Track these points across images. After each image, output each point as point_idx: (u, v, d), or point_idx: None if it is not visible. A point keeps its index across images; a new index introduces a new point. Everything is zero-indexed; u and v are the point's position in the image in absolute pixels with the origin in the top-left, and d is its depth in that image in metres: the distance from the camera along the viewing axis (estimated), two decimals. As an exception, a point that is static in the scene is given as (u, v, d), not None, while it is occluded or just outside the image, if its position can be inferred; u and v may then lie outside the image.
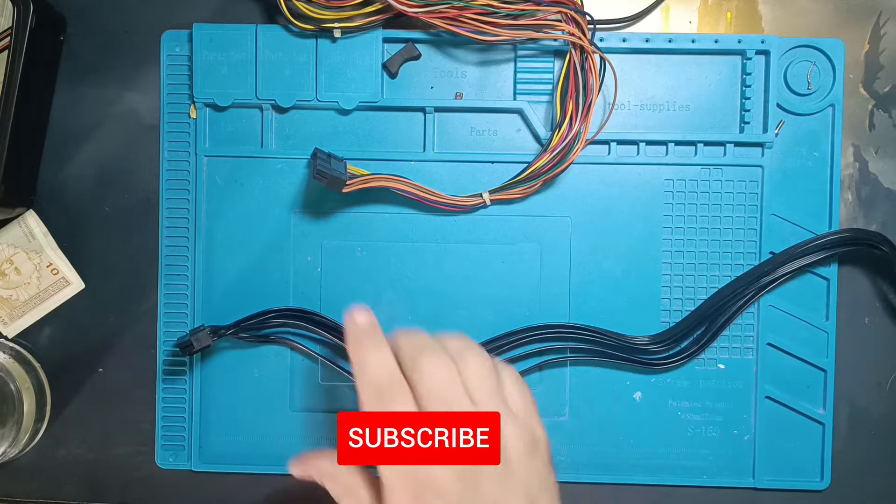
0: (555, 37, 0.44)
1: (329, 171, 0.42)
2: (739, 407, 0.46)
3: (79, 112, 0.47)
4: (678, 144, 0.45)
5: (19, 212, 0.46)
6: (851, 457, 0.46)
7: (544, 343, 0.45)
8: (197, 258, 0.46)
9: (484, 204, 0.44)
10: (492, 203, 0.44)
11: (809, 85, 0.45)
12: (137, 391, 0.47)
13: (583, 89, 0.43)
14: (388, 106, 0.45)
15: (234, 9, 0.46)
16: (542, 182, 0.44)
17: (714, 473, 0.46)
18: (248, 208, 0.46)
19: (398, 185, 0.43)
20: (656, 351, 0.45)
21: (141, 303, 0.47)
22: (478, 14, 0.42)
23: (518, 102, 0.45)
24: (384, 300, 0.46)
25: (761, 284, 0.44)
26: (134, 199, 0.47)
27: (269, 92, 0.45)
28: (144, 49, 0.46)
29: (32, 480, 0.47)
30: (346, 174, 0.43)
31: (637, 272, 0.46)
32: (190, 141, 0.46)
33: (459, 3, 0.42)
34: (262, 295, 0.46)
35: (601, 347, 0.45)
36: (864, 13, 0.46)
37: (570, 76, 0.43)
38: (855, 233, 0.44)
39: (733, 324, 0.45)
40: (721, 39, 0.45)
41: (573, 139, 0.43)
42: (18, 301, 0.47)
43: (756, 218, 0.45)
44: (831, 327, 0.45)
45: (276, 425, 0.46)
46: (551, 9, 0.42)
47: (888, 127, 0.46)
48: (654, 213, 0.46)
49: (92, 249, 0.47)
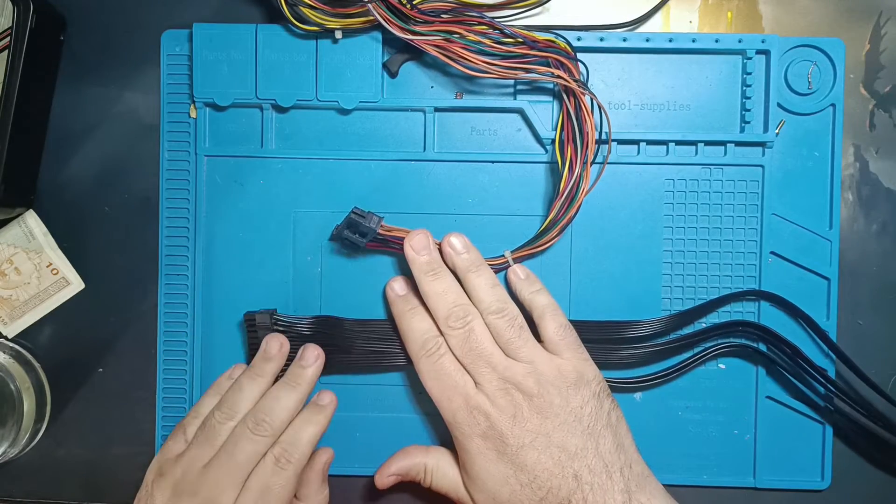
0: (544, 79, 0.44)
1: (349, 237, 0.43)
2: (740, 407, 0.46)
3: (79, 112, 0.47)
4: (678, 144, 0.45)
5: (19, 212, 0.46)
6: (851, 457, 0.46)
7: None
8: (197, 258, 0.46)
9: (507, 264, 0.44)
10: (514, 262, 0.45)
11: (810, 85, 0.45)
12: (137, 391, 0.47)
13: (579, 133, 0.43)
14: (388, 106, 0.45)
15: (234, 9, 0.46)
16: (559, 230, 0.44)
17: (714, 473, 0.46)
18: (248, 208, 0.46)
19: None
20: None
21: (141, 303, 0.47)
22: (465, 48, 0.42)
23: (518, 102, 0.45)
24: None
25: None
26: (134, 199, 0.47)
27: (269, 92, 0.45)
28: (144, 49, 0.46)
29: (32, 480, 0.47)
30: (374, 232, 0.43)
31: (637, 272, 0.46)
32: (190, 141, 0.46)
33: (448, 37, 0.42)
34: (262, 295, 0.46)
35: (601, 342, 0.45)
36: (865, 13, 0.46)
37: (566, 122, 0.43)
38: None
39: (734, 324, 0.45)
40: (721, 39, 0.45)
41: (577, 183, 0.43)
42: (18, 301, 0.47)
43: (756, 218, 0.45)
44: (831, 327, 0.45)
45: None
46: (541, 54, 0.43)
47: (888, 127, 0.46)
48: (654, 213, 0.46)
49: (92, 249, 0.47)
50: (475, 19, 0.42)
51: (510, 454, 0.40)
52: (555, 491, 0.39)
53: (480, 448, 0.40)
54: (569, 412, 0.40)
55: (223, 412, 0.41)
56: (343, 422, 0.45)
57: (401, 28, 0.42)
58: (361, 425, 0.46)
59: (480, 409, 0.40)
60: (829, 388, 0.45)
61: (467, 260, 0.43)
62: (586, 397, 0.40)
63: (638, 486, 0.39)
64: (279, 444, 0.40)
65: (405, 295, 0.44)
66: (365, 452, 0.46)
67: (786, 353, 0.45)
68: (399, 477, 0.43)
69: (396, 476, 0.43)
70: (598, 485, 0.39)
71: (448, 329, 0.42)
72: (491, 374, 0.41)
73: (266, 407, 0.41)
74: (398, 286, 0.44)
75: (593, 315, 0.45)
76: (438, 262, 0.43)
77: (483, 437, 0.40)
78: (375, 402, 0.46)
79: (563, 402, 0.40)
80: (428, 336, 0.42)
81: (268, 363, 0.43)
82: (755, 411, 0.46)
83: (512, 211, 0.46)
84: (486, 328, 0.42)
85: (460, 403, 0.41)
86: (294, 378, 0.42)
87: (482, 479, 0.40)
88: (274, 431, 0.40)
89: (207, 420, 0.41)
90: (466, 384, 0.41)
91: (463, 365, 0.42)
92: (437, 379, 0.42)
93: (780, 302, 0.45)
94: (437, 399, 0.42)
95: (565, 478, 0.39)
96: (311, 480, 0.43)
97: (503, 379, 0.40)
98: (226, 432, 0.40)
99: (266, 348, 0.43)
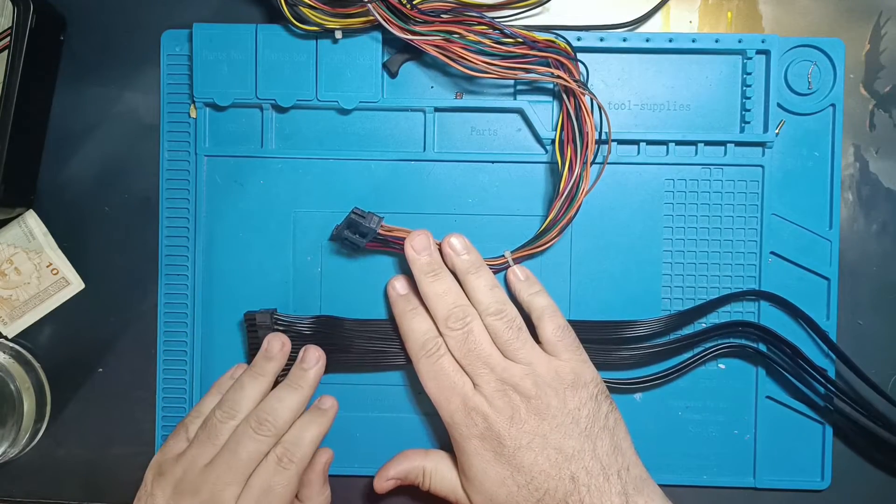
0: (544, 79, 0.44)
1: (349, 238, 0.43)
2: (740, 407, 0.46)
3: (79, 112, 0.47)
4: (678, 144, 0.45)
5: (19, 212, 0.46)
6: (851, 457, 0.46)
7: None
8: (197, 258, 0.46)
9: (507, 264, 0.44)
10: (514, 262, 0.45)
11: (810, 85, 0.45)
12: (137, 391, 0.47)
13: (579, 133, 0.43)
14: (388, 106, 0.45)
15: (234, 9, 0.46)
16: (559, 230, 0.44)
17: (714, 473, 0.46)
18: (248, 208, 0.46)
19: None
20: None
21: (141, 303, 0.47)
22: (465, 49, 0.42)
23: (518, 102, 0.45)
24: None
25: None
26: (134, 199, 0.47)
27: (269, 92, 0.45)
28: (144, 49, 0.46)
29: (32, 480, 0.47)
30: (375, 232, 0.43)
31: (637, 272, 0.46)
32: (190, 141, 0.46)
33: (448, 37, 0.42)
34: (262, 295, 0.46)
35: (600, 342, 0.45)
36: (865, 13, 0.46)
37: (566, 122, 0.43)
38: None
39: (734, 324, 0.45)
40: (721, 39, 0.45)
41: (577, 183, 0.43)
42: (18, 301, 0.47)
43: (756, 218, 0.45)
44: (831, 327, 0.45)
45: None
46: (541, 54, 0.43)
47: (888, 127, 0.46)
48: (654, 213, 0.46)
49: (92, 249, 0.47)
50: (475, 19, 0.42)
51: (507, 455, 0.40)
52: (552, 492, 0.39)
53: (478, 449, 0.40)
54: (566, 414, 0.40)
55: (224, 411, 0.41)
56: (343, 422, 0.45)
57: (401, 28, 0.42)
58: (361, 425, 0.46)
59: (478, 410, 0.40)
60: (829, 388, 0.45)
61: (467, 261, 0.43)
62: (584, 399, 0.40)
63: (635, 488, 0.39)
64: (281, 444, 0.41)
65: (406, 295, 0.44)
66: (365, 452, 0.46)
67: (786, 354, 0.45)
68: (398, 481, 0.43)
69: (395, 480, 0.43)
70: (595, 487, 0.39)
71: (447, 330, 0.42)
72: (489, 375, 0.41)
73: (269, 407, 0.41)
74: (399, 285, 0.44)
75: (593, 315, 0.45)
76: (439, 263, 0.43)
77: (481, 439, 0.40)
78: (375, 402, 0.46)
79: (560, 403, 0.40)
80: (428, 336, 0.42)
81: (269, 363, 0.43)
82: (755, 411, 0.46)
83: (512, 211, 0.46)
84: (484, 329, 0.42)
85: (458, 404, 0.41)
86: (296, 380, 0.43)
87: (480, 480, 0.40)
88: (276, 431, 0.40)
89: (209, 419, 0.41)
90: (465, 385, 0.41)
91: (462, 366, 0.42)
92: (436, 379, 0.42)
93: (780, 302, 0.45)
94: (435, 400, 0.42)
95: (562, 479, 0.39)
96: (312, 482, 0.43)
97: (501, 380, 0.40)
98: (227, 431, 0.41)
99: (268, 348, 0.43)
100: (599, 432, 0.40)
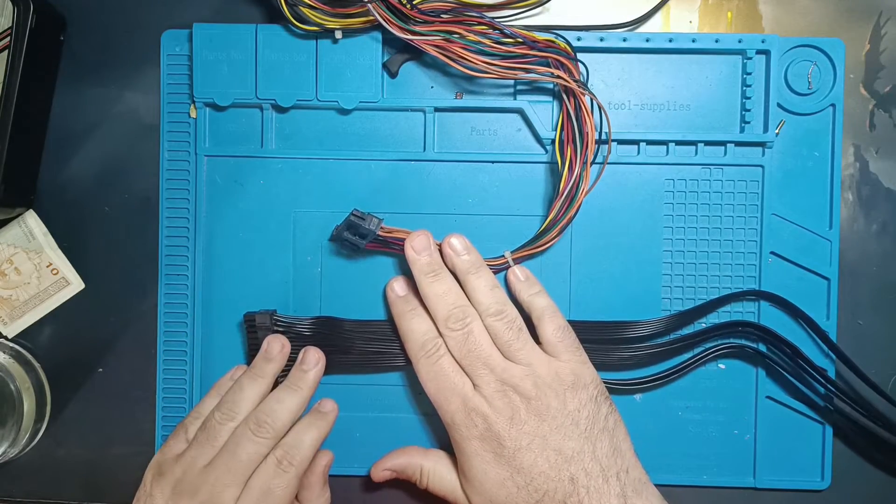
0: (544, 79, 0.44)
1: (349, 239, 0.43)
2: (740, 407, 0.46)
3: (79, 112, 0.47)
4: (678, 144, 0.45)
5: (19, 212, 0.46)
6: (851, 457, 0.46)
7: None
8: (197, 258, 0.46)
9: (507, 264, 0.44)
10: (514, 262, 0.44)
11: (810, 85, 0.45)
12: (137, 391, 0.47)
13: (579, 133, 0.43)
14: (388, 106, 0.45)
15: (234, 9, 0.46)
16: (559, 230, 0.44)
17: (714, 473, 0.46)
18: (248, 208, 0.46)
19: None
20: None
21: (141, 303, 0.47)
22: (465, 49, 0.42)
23: (518, 102, 0.45)
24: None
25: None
26: (134, 199, 0.47)
27: (269, 92, 0.45)
28: (144, 49, 0.46)
29: (32, 480, 0.47)
30: (374, 234, 0.43)
31: (637, 272, 0.46)
32: (190, 141, 0.46)
33: (448, 37, 0.42)
34: (262, 295, 0.46)
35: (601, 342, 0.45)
36: (865, 13, 0.46)
37: (566, 122, 0.43)
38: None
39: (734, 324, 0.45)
40: (721, 39, 0.45)
41: (577, 183, 0.43)
42: (18, 301, 0.47)
43: (756, 218, 0.45)
44: (831, 327, 0.45)
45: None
46: (541, 54, 0.43)
47: (888, 127, 0.46)
48: (654, 213, 0.46)
49: (92, 249, 0.47)
50: (475, 19, 0.42)
51: (507, 456, 0.40)
52: (551, 494, 0.39)
53: (478, 450, 0.40)
54: (566, 415, 0.40)
55: (223, 412, 0.41)
56: (343, 422, 0.45)
57: (401, 28, 0.42)
58: (361, 425, 0.46)
59: (478, 411, 0.40)
60: (829, 388, 0.45)
61: (467, 261, 0.43)
62: (583, 400, 0.40)
63: (634, 490, 0.39)
64: (281, 446, 0.41)
65: (405, 295, 0.44)
66: (364, 452, 0.46)
67: (786, 354, 0.45)
68: (394, 473, 0.43)
69: (392, 472, 0.43)
70: (594, 488, 0.39)
71: (447, 330, 0.42)
72: (489, 375, 0.41)
73: (268, 408, 0.41)
74: (398, 287, 0.44)
75: (593, 315, 0.45)
76: (439, 264, 0.43)
77: (480, 439, 0.40)
78: (375, 402, 0.46)
79: (560, 404, 0.40)
80: (427, 337, 0.42)
81: (269, 364, 0.43)
82: (755, 411, 0.46)
83: (512, 211, 0.46)
84: (484, 330, 0.42)
85: (458, 405, 0.41)
86: (296, 381, 0.43)
87: (479, 480, 0.40)
88: (276, 433, 0.40)
89: (208, 420, 0.41)
90: (465, 386, 0.41)
91: (461, 366, 0.42)
92: (436, 380, 0.42)
93: (780, 302, 0.45)
94: (435, 400, 0.42)
95: (561, 481, 0.39)
96: (312, 484, 0.43)
97: (501, 381, 0.40)
98: (226, 433, 0.41)
99: (267, 349, 0.43)
100: (599, 434, 0.40)
